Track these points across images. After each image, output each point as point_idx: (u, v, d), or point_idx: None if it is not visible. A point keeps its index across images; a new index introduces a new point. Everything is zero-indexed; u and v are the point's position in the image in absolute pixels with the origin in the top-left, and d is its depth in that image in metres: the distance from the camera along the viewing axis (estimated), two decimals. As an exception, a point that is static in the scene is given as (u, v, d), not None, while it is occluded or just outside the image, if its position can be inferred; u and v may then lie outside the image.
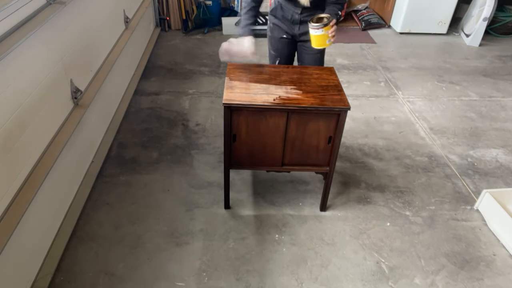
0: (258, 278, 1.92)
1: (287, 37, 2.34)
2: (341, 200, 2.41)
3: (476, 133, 3.09)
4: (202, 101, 3.37)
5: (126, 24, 3.34)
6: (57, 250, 1.97)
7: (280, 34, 2.34)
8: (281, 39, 2.36)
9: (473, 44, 4.66)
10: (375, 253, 2.08)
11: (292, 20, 2.25)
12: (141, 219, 2.21)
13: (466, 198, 2.47)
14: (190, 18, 4.78)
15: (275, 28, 2.35)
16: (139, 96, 3.39)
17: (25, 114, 1.75)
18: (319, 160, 2.10)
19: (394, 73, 3.96)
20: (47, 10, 1.97)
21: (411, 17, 4.79)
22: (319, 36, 1.95)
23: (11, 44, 1.60)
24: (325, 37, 1.95)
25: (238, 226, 2.20)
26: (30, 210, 1.71)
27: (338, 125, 1.94)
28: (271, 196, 2.40)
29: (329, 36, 1.95)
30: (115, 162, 2.63)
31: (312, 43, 2.03)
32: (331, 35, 1.95)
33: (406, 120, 3.21)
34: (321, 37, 1.96)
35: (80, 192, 2.30)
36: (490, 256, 2.09)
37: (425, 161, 2.76)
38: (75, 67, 2.29)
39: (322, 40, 1.97)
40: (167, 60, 4.08)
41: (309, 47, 2.13)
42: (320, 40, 1.97)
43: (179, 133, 2.95)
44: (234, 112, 1.91)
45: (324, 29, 1.92)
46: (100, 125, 2.73)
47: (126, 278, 1.90)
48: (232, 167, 2.13)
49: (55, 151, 1.94)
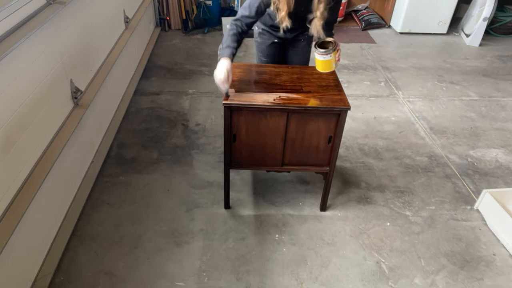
0: (258, 278, 1.92)
1: (278, 41, 2.27)
2: (341, 200, 2.41)
3: (476, 133, 3.09)
4: (202, 101, 3.37)
5: (126, 24, 3.34)
6: (57, 250, 1.97)
7: (271, 39, 2.27)
8: (272, 44, 2.29)
9: (473, 44, 4.66)
10: (375, 253, 2.08)
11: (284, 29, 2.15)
12: (141, 219, 2.22)
13: (466, 198, 2.47)
14: (190, 18, 4.78)
15: (264, 33, 2.27)
16: (139, 96, 3.39)
17: (25, 114, 1.75)
18: (319, 160, 2.10)
19: (394, 73, 3.96)
20: (47, 10, 1.96)
21: (411, 17, 4.79)
22: (327, 61, 1.94)
23: (11, 44, 1.60)
24: (333, 62, 1.94)
25: (238, 226, 2.20)
26: (30, 210, 1.71)
27: (338, 125, 1.94)
28: (271, 196, 2.40)
29: (336, 60, 1.94)
30: (115, 162, 2.63)
31: (318, 67, 1.99)
32: (337, 58, 1.94)
33: (406, 120, 3.21)
34: (328, 62, 1.94)
35: (80, 192, 2.30)
36: (490, 256, 2.09)
37: (425, 161, 2.76)
38: (75, 67, 2.29)
39: (329, 64, 1.95)
40: (167, 60, 4.08)
41: (300, 49, 2.11)
42: (328, 65, 1.95)
43: (179, 133, 2.95)
44: (234, 112, 1.91)
45: (332, 54, 1.91)
46: (100, 125, 2.73)
47: (126, 278, 1.90)
48: (232, 167, 2.13)
49: (55, 151, 1.94)
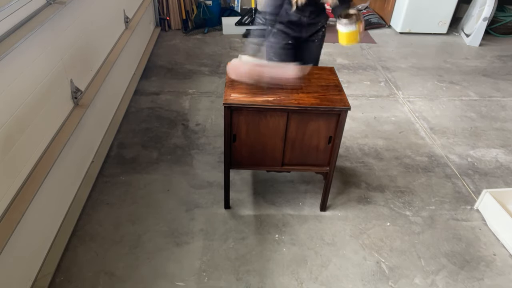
0: (258, 278, 1.92)
1: (292, 42, 2.22)
2: (341, 200, 2.41)
3: (476, 133, 3.09)
4: (202, 101, 3.37)
5: (126, 24, 3.34)
6: (57, 250, 1.97)
7: (286, 40, 2.21)
8: (285, 45, 2.23)
9: (473, 44, 4.66)
10: (375, 253, 2.08)
11: (300, 23, 2.13)
12: (141, 219, 2.22)
13: (466, 198, 2.47)
14: (190, 18, 4.78)
15: (279, 34, 2.21)
16: (139, 96, 3.39)
17: (25, 114, 1.75)
18: (319, 160, 2.10)
19: (394, 73, 3.96)
20: (47, 10, 1.96)
21: (411, 17, 4.79)
22: (352, 33, 1.88)
23: (11, 44, 1.60)
24: (357, 33, 1.89)
25: (238, 226, 2.20)
26: (30, 210, 1.71)
27: (338, 125, 1.94)
28: (271, 196, 2.40)
29: (361, 31, 1.88)
30: (115, 162, 2.63)
31: (342, 40, 1.92)
32: (362, 30, 1.88)
33: (406, 120, 3.21)
34: (354, 34, 1.89)
35: (80, 192, 2.30)
36: (490, 256, 2.09)
37: (425, 161, 2.76)
38: (75, 67, 2.29)
39: (355, 36, 1.90)
40: (167, 60, 4.08)
41: (312, 47, 2.09)
42: (353, 36, 1.90)
43: (179, 133, 2.95)
44: (234, 112, 1.91)
45: (357, 25, 1.85)
46: (100, 125, 2.73)
47: (126, 278, 1.90)
48: (232, 167, 2.13)
49: (55, 151, 1.94)
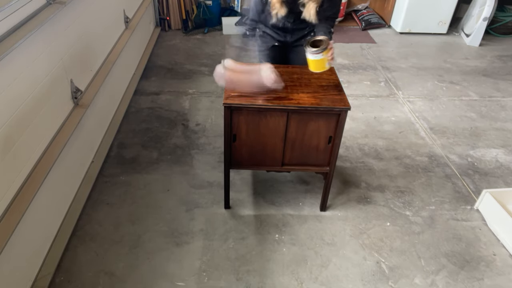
0: (258, 278, 1.92)
1: (278, 45, 2.26)
2: (341, 200, 2.41)
3: (476, 133, 3.09)
4: (202, 101, 3.37)
5: (126, 24, 3.34)
6: (57, 250, 1.97)
7: (272, 41, 2.26)
8: (273, 47, 2.28)
9: (473, 44, 4.66)
10: (375, 253, 2.08)
11: (285, 28, 2.17)
12: (141, 219, 2.22)
13: (466, 198, 2.47)
14: (190, 18, 4.78)
15: (265, 36, 2.26)
16: (139, 96, 3.39)
17: (25, 114, 1.75)
18: (319, 160, 2.10)
19: (394, 73, 3.96)
20: (47, 10, 1.96)
21: (411, 17, 4.79)
22: (318, 60, 1.85)
23: (11, 44, 1.60)
24: (325, 61, 1.85)
25: (238, 226, 2.20)
26: (30, 210, 1.71)
27: (338, 125, 1.94)
28: (271, 196, 2.40)
29: (328, 59, 1.84)
30: (115, 162, 2.63)
31: (310, 67, 1.91)
32: (330, 58, 1.84)
33: (406, 120, 3.21)
34: (320, 62, 1.85)
35: (80, 192, 2.30)
36: (490, 256, 2.09)
37: (425, 161, 2.76)
38: (75, 67, 2.29)
39: (321, 64, 1.86)
40: (167, 60, 4.08)
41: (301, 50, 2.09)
42: (320, 64, 1.87)
43: (179, 133, 2.95)
44: (234, 112, 1.91)
45: (324, 53, 1.81)
46: (100, 125, 2.73)
47: (126, 278, 1.90)
48: (232, 167, 2.13)
49: (55, 151, 1.94)
